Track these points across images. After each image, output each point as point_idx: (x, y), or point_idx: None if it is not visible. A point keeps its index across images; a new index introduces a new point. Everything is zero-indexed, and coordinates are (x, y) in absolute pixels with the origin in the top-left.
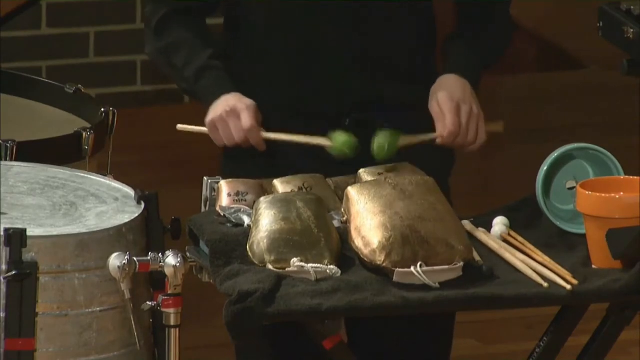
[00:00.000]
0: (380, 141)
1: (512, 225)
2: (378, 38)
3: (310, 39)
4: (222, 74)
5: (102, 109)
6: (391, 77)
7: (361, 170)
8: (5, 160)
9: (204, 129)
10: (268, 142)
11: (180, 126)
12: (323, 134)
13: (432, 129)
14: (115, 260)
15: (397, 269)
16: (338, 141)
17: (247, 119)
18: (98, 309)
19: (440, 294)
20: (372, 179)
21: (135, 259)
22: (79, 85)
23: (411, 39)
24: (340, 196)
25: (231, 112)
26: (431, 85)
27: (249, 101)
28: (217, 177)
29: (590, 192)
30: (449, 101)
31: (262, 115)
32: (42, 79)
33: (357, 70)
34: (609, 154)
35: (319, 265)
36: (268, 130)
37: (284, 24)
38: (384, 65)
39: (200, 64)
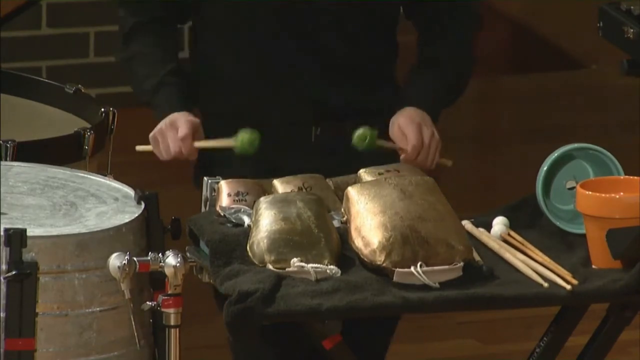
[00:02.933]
0: (362, 132)
1: (512, 225)
2: (340, 48)
3: (274, 51)
4: (176, 91)
5: (102, 109)
6: (356, 86)
7: (361, 171)
8: (5, 160)
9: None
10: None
11: (138, 147)
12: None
13: None
14: (115, 260)
15: (397, 269)
16: (239, 140)
17: (183, 129)
18: (98, 309)
19: (440, 294)
20: (372, 179)
21: (135, 259)
22: (79, 85)
23: (372, 50)
24: (340, 196)
25: (170, 125)
26: (394, 94)
27: (192, 117)
28: (217, 177)
29: (590, 192)
30: (410, 123)
31: (223, 129)
32: (42, 79)
33: (322, 80)
34: (609, 154)
35: (319, 265)
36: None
37: (246, 36)
38: (347, 74)
39: (157, 80)
